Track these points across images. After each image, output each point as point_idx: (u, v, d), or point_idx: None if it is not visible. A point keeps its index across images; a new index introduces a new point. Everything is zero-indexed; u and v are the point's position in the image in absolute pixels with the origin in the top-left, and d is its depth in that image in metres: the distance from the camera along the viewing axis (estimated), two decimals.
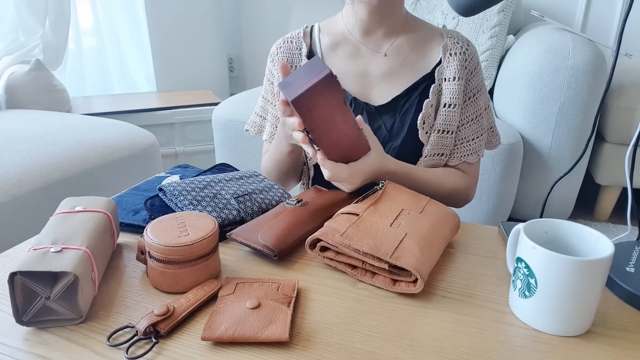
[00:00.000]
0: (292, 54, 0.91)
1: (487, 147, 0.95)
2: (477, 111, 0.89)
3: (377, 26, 0.87)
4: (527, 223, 0.55)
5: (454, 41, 0.87)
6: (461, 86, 0.86)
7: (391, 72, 0.88)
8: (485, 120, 0.91)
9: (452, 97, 0.86)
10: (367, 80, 0.88)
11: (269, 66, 0.95)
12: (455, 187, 0.88)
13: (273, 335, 0.48)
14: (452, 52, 0.87)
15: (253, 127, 1.00)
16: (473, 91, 0.88)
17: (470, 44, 0.88)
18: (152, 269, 0.57)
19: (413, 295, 0.58)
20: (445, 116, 0.86)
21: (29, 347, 0.48)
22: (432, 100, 0.86)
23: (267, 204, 0.75)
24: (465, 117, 0.89)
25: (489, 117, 0.93)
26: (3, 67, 1.80)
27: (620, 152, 1.78)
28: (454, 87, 0.86)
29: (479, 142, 0.90)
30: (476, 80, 0.88)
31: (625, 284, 0.58)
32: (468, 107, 0.88)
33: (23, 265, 0.48)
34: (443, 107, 0.86)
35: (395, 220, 0.64)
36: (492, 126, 0.95)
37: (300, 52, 0.90)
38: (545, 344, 0.50)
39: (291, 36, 0.92)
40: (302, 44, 0.90)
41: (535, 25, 1.92)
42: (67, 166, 1.22)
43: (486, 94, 0.91)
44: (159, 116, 1.92)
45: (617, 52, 0.64)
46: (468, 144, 0.90)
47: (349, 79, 0.88)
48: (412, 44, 0.88)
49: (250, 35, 2.85)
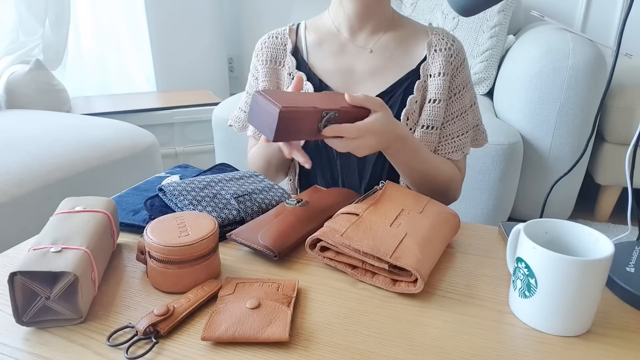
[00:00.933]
0: (277, 49, 0.91)
1: (474, 145, 0.95)
2: (462, 107, 0.89)
3: (364, 23, 0.87)
4: (527, 223, 0.55)
5: (439, 37, 0.87)
6: (446, 82, 0.86)
7: (377, 69, 0.88)
8: (470, 117, 0.90)
9: (437, 92, 0.86)
10: (352, 77, 0.89)
11: (254, 62, 0.95)
12: (451, 176, 0.88)
13: (273, 335, 0.48)
14: (437, 48, 0.87)
15: (237, 123, 1.00)
16: (459, 87, 0.88)
17: (456, 40, 0.88)
18: (152, 269, 0.57)
19: (413, 295, 0.58)
20: (430, 111, 0.86)
21: (29, 347, 0.48)
22: (416, 96, 0.86)
23: (267, 204, 0.75)
24: (450, 113, 0.88)
25: (475, 114, 0.93)
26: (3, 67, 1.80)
27: (620, 152, 1.78)
28: (439, 83, 0.86)
29: (464, 139, 0.89)
30: (462, 77, 0.88)
31: (625, 284, 0.58)
32: (453, 103, 0.88)
33: (23, 265, 0.48)
34: (428, 103, 0.86)
35: (395, 220, 0.64)
36: (478, 124, 0.94)
37: (285, 49, 0.91)
38: (545, 344, 0.50)
39: (276, 32, 0.93)
40: (287, 40, 0.91)
41: (535, 25, 1.92)
42: (67, 166, 1.22)
43: (472, 91, 0.91)
44: (159, 116, 1.92)
45: (617, 52, 0.64)
46: (452, 141, 0.89)
47: (334, 75, 0.89)
48: (398, 40, 0.89)
49: (250, 35, 2.85)
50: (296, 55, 0.91)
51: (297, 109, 0.61)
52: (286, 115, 0.60)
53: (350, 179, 0.91)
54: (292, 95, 0.65)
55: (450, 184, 0.88)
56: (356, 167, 0.90)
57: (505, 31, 1.88)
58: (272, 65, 0.92)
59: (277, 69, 0.92)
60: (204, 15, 2.53)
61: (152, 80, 2.45)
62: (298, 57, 0.90)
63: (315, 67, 0.90)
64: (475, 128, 0.93)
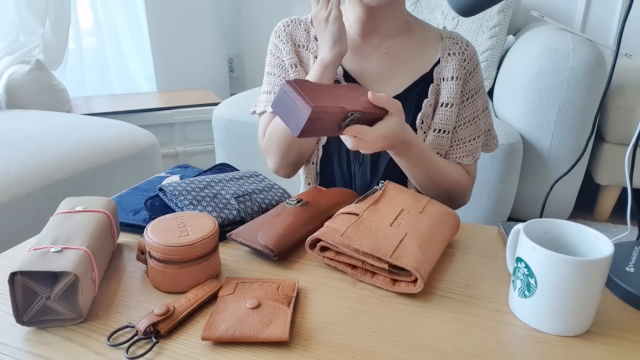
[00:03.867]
0: (300, 34, 0.91)
1: (484, 150, 0.95)
2: (474, 112, 0.89)
3: (376, 25, 0.87)
4: (527, 223, 0.55)
5: (453, 42, 0.87)
6: (459, 86, 0.86)
7: (390, 70, 0.88)
8: (482, 122, 0.91)
9: (449, 96, 0.86)
10: (365, 77, 0.88)
11: (274, 42, 0.93)
12: (458, 181, 0.88)
13: (273, 335, 0.48)
14: (451, 52, 0.87)
15: (263, 105, 0.94)
16: (471, 92, 0.88)
17: (470, 44, 0.88)
18: (152, 269, 0.57)
19: (413, 295, 0.58)
20: (442, 115, 0.86)
21: (29, 347, 0.48)
22: (430, 100, 0.86)
23: (267, 204, 0.75)
24: (462, 117, 0.88)
25: (487, 119, 0.93)
26: (3, 67, 1.80)
27: (620, 152, 1.78)
28: (451, 87, 0.86)
29: (475, 143, 0.90)
30: (475, 81, 0.88)
31: (625, 284, 0.58)
32: (465, 108, 0.88)
33: (23, 265, 0.48)
34: (441, 107, 0.86)
35: (395, 220, 0.64)
36: (489, 129, 0.94)
37: (309, 34, 0.91)
38: (545, 344, 0.50)
39: (298, 18, 0.92)
40: (309, 28, 0.91)
41: (535, 26, 1.92)
42: (67, 166, 1.22)
43: (485, 96, 0.91)
44: (159, 116, 1.92)
45: (617, 52, 0.64)
46: (464, 145, 0.89)
47: (347, 74, 0.89)
48: (412, 43, 0.88)
49: (250, 35, 2.85)
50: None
51: (326, 110, 0.61)
52: (316, 116, 0.60)
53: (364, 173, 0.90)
54: (321, 90, 0.64)
55: (458, 187, 0.88)
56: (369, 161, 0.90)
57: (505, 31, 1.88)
58: (295, 47, 0.91)
59: (300, 52, 0.91)
60: (204, 15, 2.53)
61: (152, 80, 2.45)
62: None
63: None
64: (487, 133, 0.94)
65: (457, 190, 0.88)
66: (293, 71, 0.90)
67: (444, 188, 0.85)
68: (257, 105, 0.96)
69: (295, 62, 0.90)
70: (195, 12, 2.49)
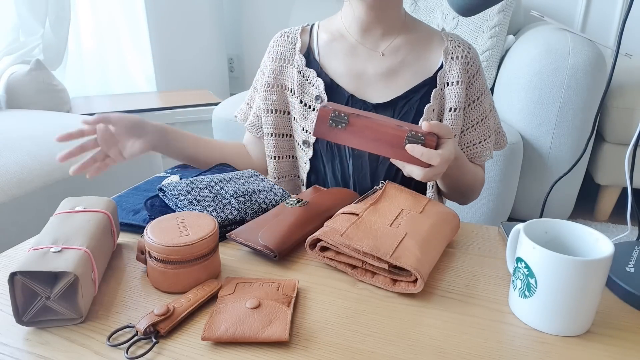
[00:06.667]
0: (287, 48, 0.92)
1: (495, 148, 0.97)
2: (482, 114, 0.90)
3: (374, 25, 0.87)
4: (527, 223, 0.55)
5: (455, 45, 0.87)
6: (463, 90, 0.86)
7: (389, 72, 0.88)
8: (491, 121, 0.92)
9: (455, 101, 0.87)
10: (363, 79, 0.88)
11: (264, 58, 0.97)
12: (483, 179, 0.93)
13: (273, 335, 0.48)
14: (454, 55, 0.87)
15: (240, 115, 1.05)
16: (476, 94, 0.88)
17: (472, 47, 0.89)
18: (152, 269, 0.57)
19: (413, 295, 0.58)
20: (451, 120, 0.87)
21: (29, 347, 0.48)
22: (433, 105, 0.86)
23: (267, 204, 0.75)
24: (470, 120, 0.89)
25: (495, 118, 0.94)
26: (3, 67, 1.80)
27: (620, 152, 1.78)
28: (457, 92, 0.86)
29: (486, 144, 0.92)
30: (478, 84, 0.88)
31: (625, 284, 0.58)
32: (473, 111, 0.89)
33: (23, 265, 0.48)
34: (448, 112, 0.87)
35: (395, 220, 0.64)
36: (498, 127, 0.96)
37: (294, 48, 0.92)
38: (545, 344, 0.50)
39: (289, 31, 0.94)
40: (297, 40, 0.92)
41: (535, 25, 1.92)
42: (67, 166, 1.22)
43: (490, 96, 0.92)
44: (159, 116, 1.92)
45: (617, 52, 0.64)
46: (475, 147, 0.91)
47: (345, 76, 0.89)
48: (411, 44, 0.88)
49: (250, 35, 2.85)
50: (308, 54, 0.91)
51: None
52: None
53: (362, 181, 0.90)
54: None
55: (480, 186, 0.93)
56: (368, 169, 0.90)
57: (505, 31, 1.88)
58: (279, 62, 0.92)
59: (284, 67, 0.92)
60: (204, 15, 2.53)
61: (152, 80, 2.45)
62: (310, 57, 0.91)
63: (327, 66, 0.90)
64: (496, 132, 0.96)
65: (478, 189, 0.93)
66: (263, 90, 0.94)
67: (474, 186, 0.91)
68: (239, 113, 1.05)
69: (271, 82, 0.93)
70: (195, 12, 2.49)
